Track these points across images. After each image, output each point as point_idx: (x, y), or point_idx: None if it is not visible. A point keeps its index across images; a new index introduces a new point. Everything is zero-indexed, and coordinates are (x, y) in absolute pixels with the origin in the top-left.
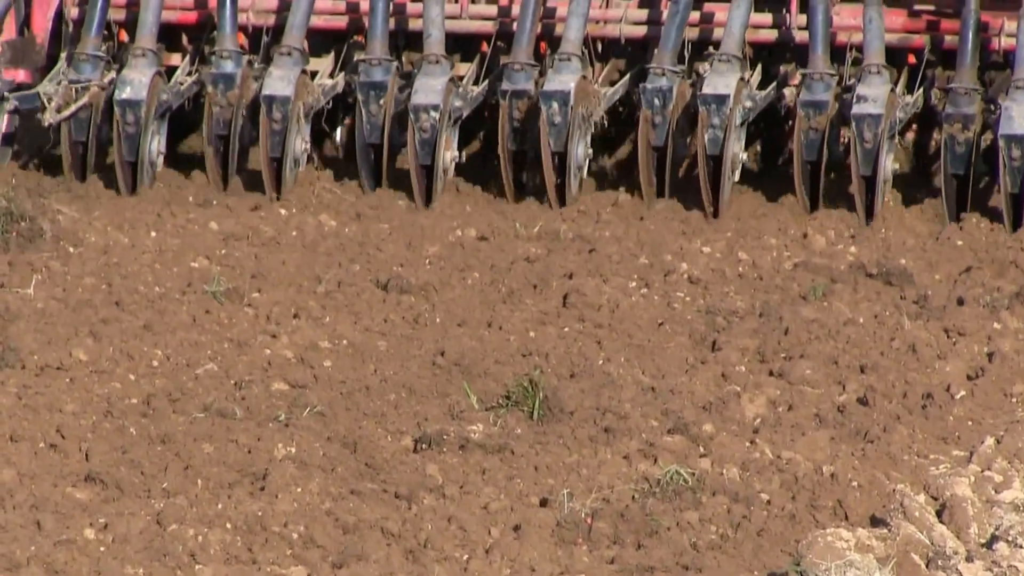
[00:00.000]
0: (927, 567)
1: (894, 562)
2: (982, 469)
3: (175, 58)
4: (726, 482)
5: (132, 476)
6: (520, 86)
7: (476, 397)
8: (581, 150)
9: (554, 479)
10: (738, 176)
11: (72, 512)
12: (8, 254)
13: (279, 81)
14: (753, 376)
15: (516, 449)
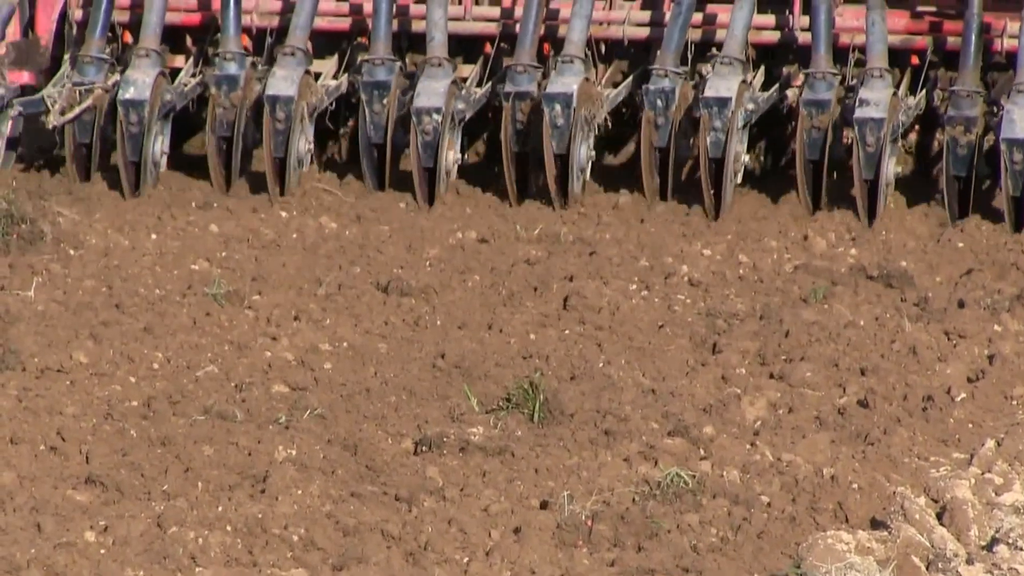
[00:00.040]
0: (927, 569)
1: (894, 564)
2: (982, 471)
3: (179, 60)
4: (726, 484)
5: (132, 478)
6: (523, 88)
7: (476, 399)
8: (584, 152)
9: (554, 481)
10: (740, 179)
11: (72, 514)
12: (9, 256)
13: (282, 81)
14: (753, 378)
15: (516, 451)
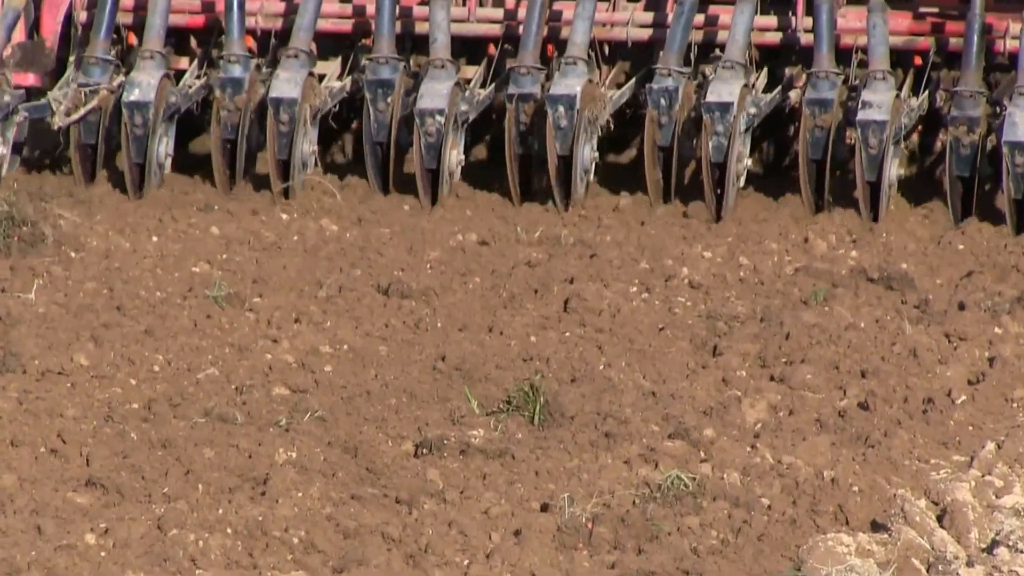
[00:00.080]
0: (928, 572)
1: (895, 567)
2: (983, 474)
3: (183, 62)
4: (727, 487)
5: (133, 481)
6: (526, 90)
7: (477, 402)
8: (587, 153)
9: (555, 484)
10: (743, 183)
11: (73, 517)
12: (10, 259)
13: (286, 83)
14: (754, 381)
15: (517, 454)
